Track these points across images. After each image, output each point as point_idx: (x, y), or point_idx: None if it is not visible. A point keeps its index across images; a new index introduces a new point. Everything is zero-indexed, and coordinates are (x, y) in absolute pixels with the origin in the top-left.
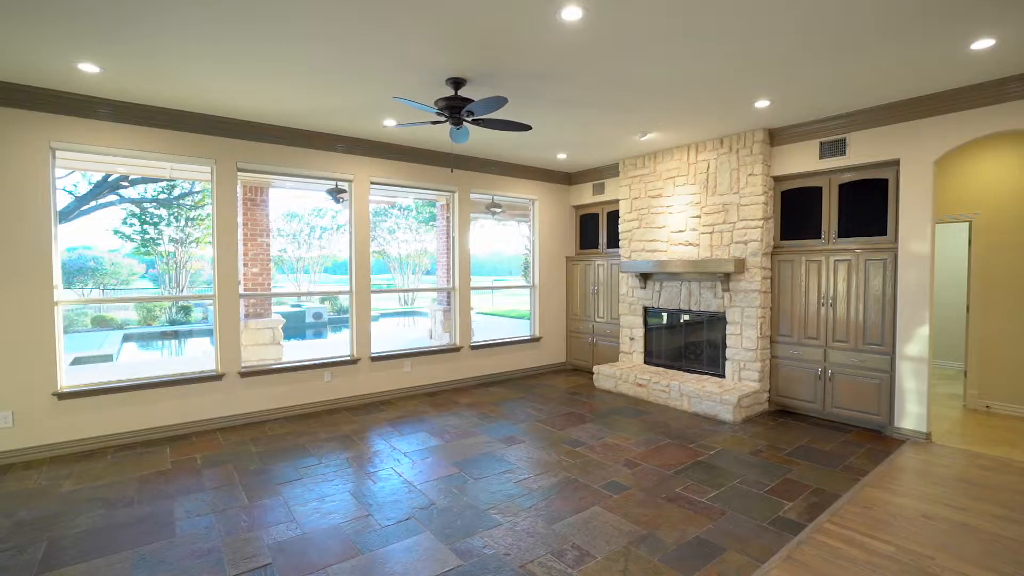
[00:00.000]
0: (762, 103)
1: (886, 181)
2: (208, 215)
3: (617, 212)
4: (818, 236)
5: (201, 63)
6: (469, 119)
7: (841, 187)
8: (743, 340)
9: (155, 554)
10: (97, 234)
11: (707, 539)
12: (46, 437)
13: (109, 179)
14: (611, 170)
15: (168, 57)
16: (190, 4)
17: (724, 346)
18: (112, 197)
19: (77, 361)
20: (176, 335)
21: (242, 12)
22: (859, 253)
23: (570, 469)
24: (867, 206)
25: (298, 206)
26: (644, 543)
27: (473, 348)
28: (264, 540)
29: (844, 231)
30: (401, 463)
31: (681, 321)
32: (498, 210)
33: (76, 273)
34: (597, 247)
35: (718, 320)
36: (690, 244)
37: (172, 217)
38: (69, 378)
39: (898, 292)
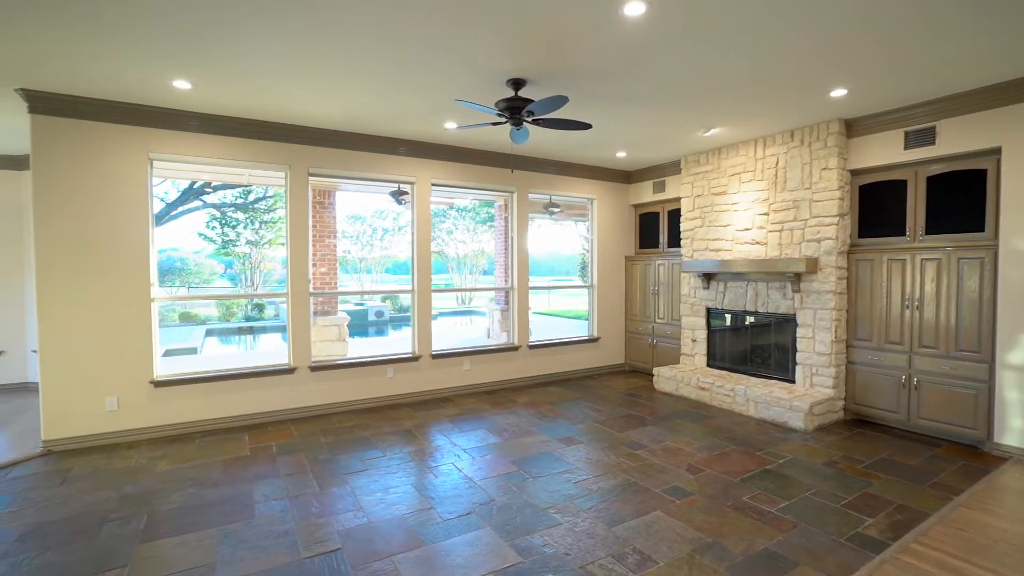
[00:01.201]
0: (838, 92)
1: (983, 172)
2: (280, 218)
3: (678, 210)
4: (902, 233)
5: (277, 76)
6: (529, 119)
7: (929, 180)
8: (815, 344)
9: (237, 532)
10: (183, 237)
11: (777, 551)
12: (144, 421)
13: (195, 186)
14: (672, 167)
15: (248, 72)
16: (267, 25)
17: (794, 350)
18: (196, 203)
19: (168, 353)
20: (251, 331)
21: (312, 29)
22: (950, 251)
23: (630, 472)
24: (960, 200)
25: (361, 208)
26: (709, 551)
27: (531, 348)
28: (334, 526)
29: (932, 227)
30: (461, 459)
31: (746, 323)
32: (556, 210)
33: (166, 273)
34: (657, 246)
35: (787, 322)
36: (757, 243)
37: (248, 220)
38: (163, 368)
39: (998, 294)
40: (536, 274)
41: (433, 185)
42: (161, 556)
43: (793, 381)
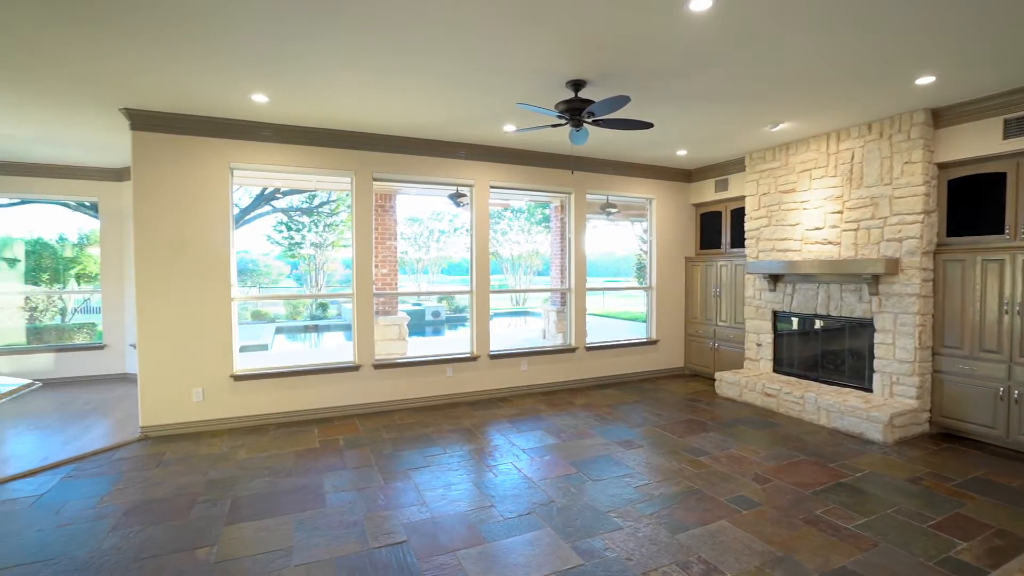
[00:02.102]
0: (925, 79)
1: None
2: (342, 222)
3: (742, 209)
4: (1000, 231)
5: (345, 88)
6: (589, 120)
7: None
8: (896, 350)
9: (311, 520)
10: (254, 240)
11: (856, 571)
12: (225, 412)
13: (265, 192)
14: (735, 165)
15: (319, 84)
16: (338, 42)
17: (871, 356)
18: (266, 208)
19: (243, 349)
20: (316, 329)
21: (379, 45)
22: None
23: (693, 479)
24: None
25: (418, 211)
26: (780, 566)
27: (588, 349)
28: (399, 519)
29: None
30: (520, 459)
31: (817, 327)
32: (613, 210)
33: (240, 274)
34: (719, 247)
35: (864, 327)
36: (829, 242)
37: (312, 224)
38: (240, 363)
39: None
40: (590, 275)
41: (491, 188)
42: (244, 538)
43: (870, 390)
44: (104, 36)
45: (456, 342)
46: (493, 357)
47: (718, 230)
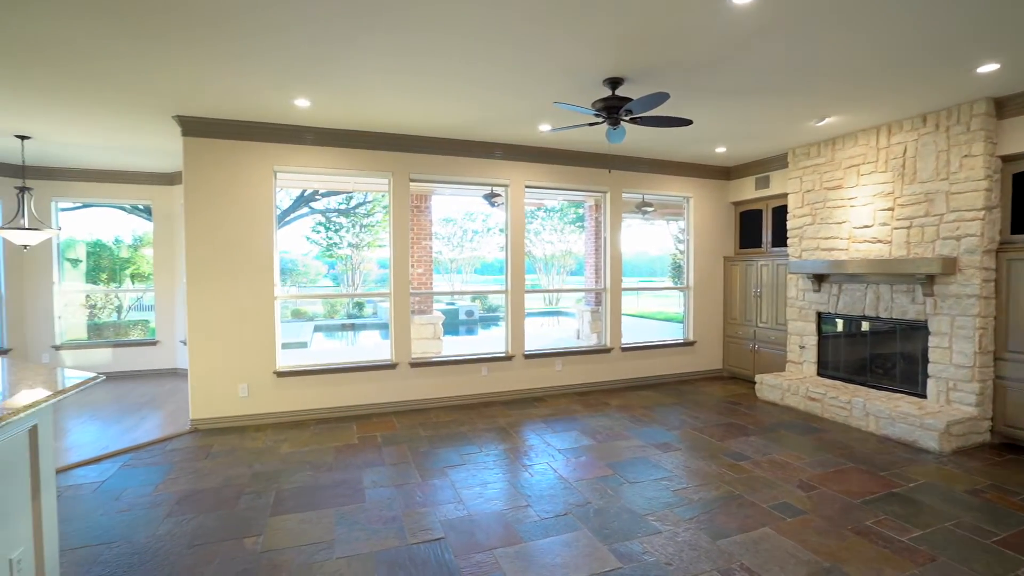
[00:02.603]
0: (988, 67)
1: None
2: (377, 222)
3: (784, 207)
4: None
5: (383, 90)
6: (627, 118)
7: None
8: (953, 355)
9: (351, 515)
10: (293, 240)
11: None
12: (268, 407)
13: (305, 194)
14: (777, 161)
15: (358, 88)
16: (376, 46)
17: (925, 361)
18: (305, 209)
19: (284, 347)
20: (353, 327)
21: (416, 47)
22: None
23: (733, 484)
24: None
25: (452, 211)
26: None
27: (624, 350)
28: (436, 516)
29: None
30: (555, 459)
31: (864, 329)
32: (649, 209)
33: (281, 273)
34: (759, 246)
35: (917, 330)
36: (878, 241)
37: (350, 224)
38: (282, 360)
39: None
40: (625, 275)
41: (526, 187)
42: (288, 529)
43: (924, 396)
44: (160, 48)
45: (489, 341)
46: (528, 357)
47: (758, 229)
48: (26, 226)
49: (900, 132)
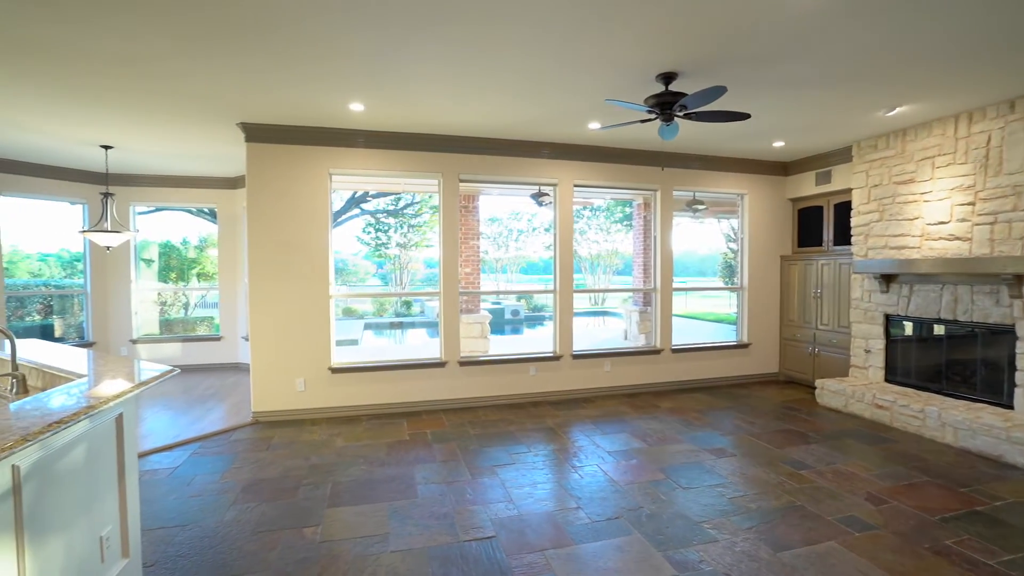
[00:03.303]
0: None
1: None
2: (424, 223)
3: (847, 203)
4: None
5: (434, 92)
6: (681, 114)
7: None
8: None
9: (403, 510)
10: (344, 241)
11: None
12: (323, 401)
13: (355, 195)
14: (840, 155)
15: (410, 90)
16: (427, 50)
17: (1012, 368)
18: (355, 211)
19: (337, 344)
20: (401, 326)
21: (467, 52)
22: None
23: (795, 494)
24: None
25: (498, 211)
26: None
27: (674, 351)
28: (487, 514)
29: None
30: (605, 461)
31: (939, 333)
32: (701, 207)
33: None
34: (820, 244)
35: (1001, 334)
36: (956, 238)
37: (398, 225)
38: (336, 356)
39: None
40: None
41: (575, 186)
42: (344, 521)
43: (1010, 407)
44: (228, 59)
45: (536, 341)
46: (576, 357)
47: (819, 226)
48: (109, 229)
49: (983, 120)
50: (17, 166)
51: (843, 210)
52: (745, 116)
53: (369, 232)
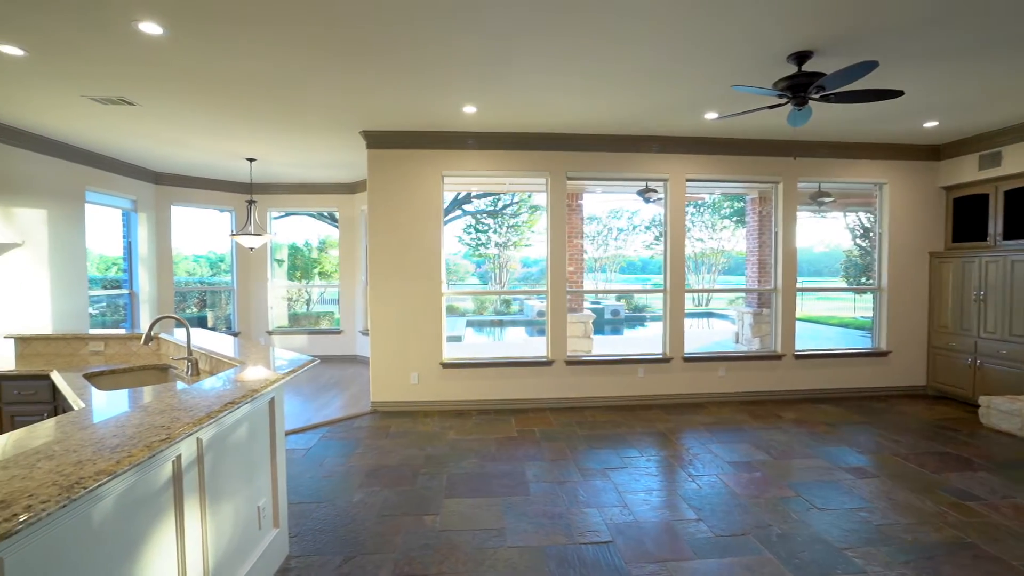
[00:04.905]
0: None
1: None
2: (523, 222)
3: (1021, 189)
4: None
5: (543, 92)
6: (817, 96)
7: None
8: None
9: (517, 506)
10: (447, 241)
11: None
12: (434, 395)
13: (458, 197)
14: (1013, 133)
15: (520, 92)
16: (539, 47)
17: None
18: (457, 212)
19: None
20: (501, 324)
21: (582, 38)
22: None
23: (961, 528)
24: None
25: (597, 209)
26: None
27: (797, 357)
28: (601, 517)
29: None
30: (725, 472)
31: None
32: (827, 199)
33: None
34: (983, 238)
35: None
36: None
37: (497, 225)
38: (447, 352)
39: None
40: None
41: (687, 181)
42: (461, 512)
43: None
44: (354, 71)
45: (637, 342)
46: (687, 360)
47: (982, 217)
48: (253, 232)
49: None
50: (184, 180)
51: (1016, 198)
52: (897, 93)
53: (469, 232)
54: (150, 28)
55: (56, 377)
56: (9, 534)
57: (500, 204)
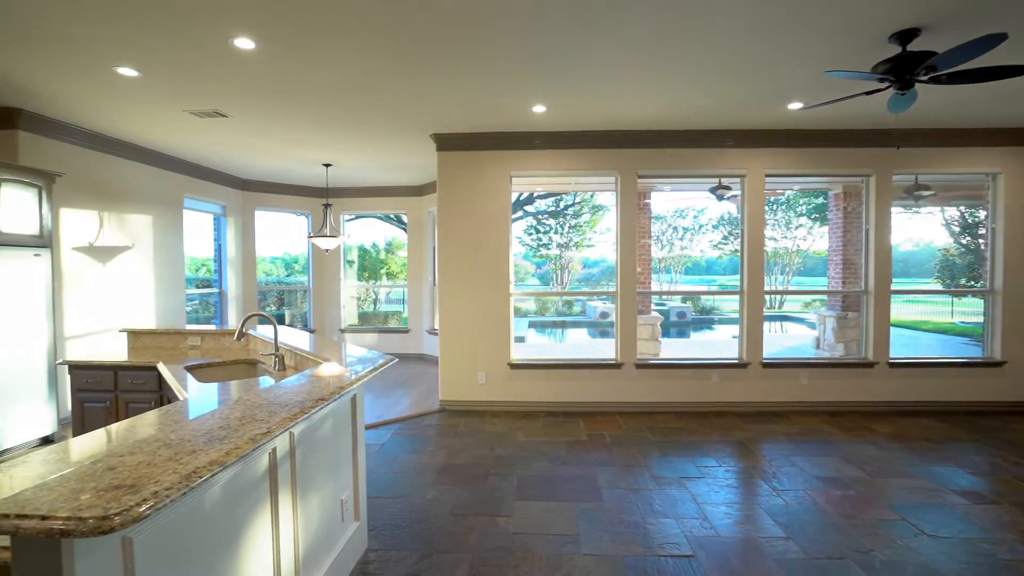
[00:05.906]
0: None
1: None
2: (585, 223)
3: None
4: None
5: (612, 89)
6: (926, 77)
7: None
8: None
9: (591, 512)
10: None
11: None
12: (502, 395)
13: (521, 197)
14: None
15: (589, 90)
16: (609, 43)
17: None
18: (519, 212)
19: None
20: (563, 325)
21: (655, 28)
22: None
23: None
24: None
25: (662, 209)
26: None
27: (892, 366)
28: (680, 529)
29: None
30: (814, 488)
31: None
32: (926, 193)
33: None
34: None
35: None
36: None
37: (557, 225)
38: (515, 353)
39: None
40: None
41: (767, 176)
42: (533, 515)
43: None
44: (425, 76)
45: (706, 345)
46: (766, 366)
47: None
48: (328, 234)
49: None
50: (267, 186)
51: None
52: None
53: (531, 233)
54: (244, 43)
55: (162, 368)
56: (140, 518)
57: (562, 204)
